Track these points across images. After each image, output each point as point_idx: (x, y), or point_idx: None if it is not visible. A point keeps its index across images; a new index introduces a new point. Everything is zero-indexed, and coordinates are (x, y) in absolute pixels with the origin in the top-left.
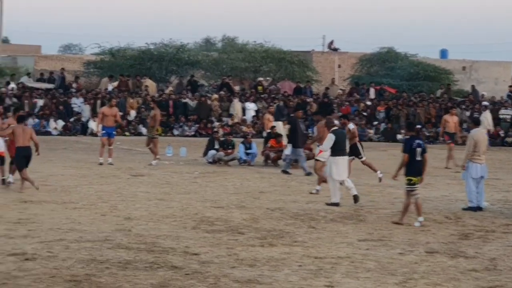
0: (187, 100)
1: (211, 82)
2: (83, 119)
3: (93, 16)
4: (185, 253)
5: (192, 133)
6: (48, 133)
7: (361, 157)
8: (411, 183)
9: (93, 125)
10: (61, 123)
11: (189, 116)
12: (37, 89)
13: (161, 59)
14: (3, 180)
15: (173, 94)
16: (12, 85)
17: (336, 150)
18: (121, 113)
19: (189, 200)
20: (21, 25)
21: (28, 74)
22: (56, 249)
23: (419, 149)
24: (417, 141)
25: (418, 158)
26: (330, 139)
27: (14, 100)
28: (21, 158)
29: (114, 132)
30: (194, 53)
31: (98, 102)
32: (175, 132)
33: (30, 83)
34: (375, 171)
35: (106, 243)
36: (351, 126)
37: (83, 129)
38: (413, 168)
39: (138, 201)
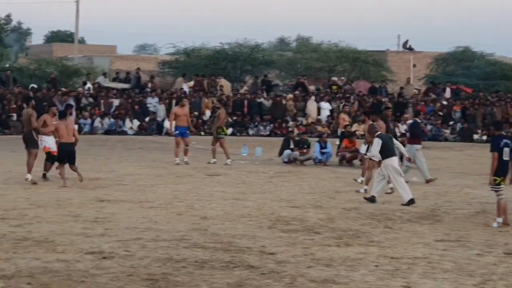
0: (262, 99)
1: (285, 81)
2: (158, 119)
3: (168, 16)
4: (261, 252)
5: (267, 132)
6: (124, 133)
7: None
8: (496, 183)
9: (168, 124)
10: (136, 122)
11: (264, 115)
12: (113, 89)
13: (235, 59)
14: (44, 174)
15: (248, 93)
16: (89, 85)
17: (385, 152)
18: (196, 113)
19: (265, 200)
20: (96, 25)
21: (104, 74)
22: (133, 248)
23: (507, 149)
24: (505, 140)
25: (506, 158)
26: (377, 143)
27: (90, 100)
28: (64, 153)
29: (187, 132)
30: (269, 53)
31: (173, 101)
32: (250, 131)
33: (106, 83)
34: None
35: (183, 242)
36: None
37: (159, 129)
38: (499, 168)
39: (214, 200)
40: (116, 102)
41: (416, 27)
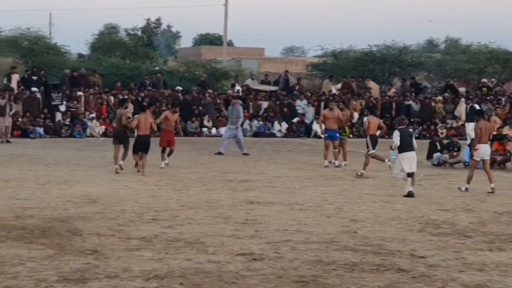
0: (410, 102)
1: (434, 83)
2: (307, 121)
3: (316, 18)
4: (411, 256)
5: (416, 135)
6: (273, 135)
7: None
8: None
9: (316, 127)
10: (285, 125)
11: (412, 118)
12: (261, 91)
13: (383, 61)
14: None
15: (396, 96)
16: (237, 87)
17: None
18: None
19: (414, 203)
20: (245, 28)
21: (252, 77)
22: (282, 250)
23: None
24: None
25: None
26: (396, 135)
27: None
28: (139, 144)
29: (337, 135)
30: (417, 55)
31: (322, 104)
32: None
33: (255, 85)
34: (383, 161)
35: (332, 245)
36: (365, 119)
37: (307, 131)
38: None
39: (363, 203)
40: (264, 104)
41: None
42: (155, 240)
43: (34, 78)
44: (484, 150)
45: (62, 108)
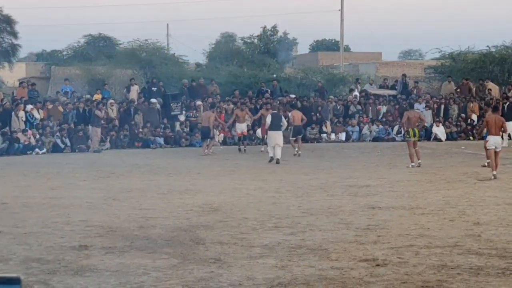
0: None
1: None
2: (426, 125)
3: (433, 21)
4: None
5: None
6: (392, 139)
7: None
8: None
9: (436, 130)
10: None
11: None
12: (380, 95)
13: (503, 62)
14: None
15: None
16: (356, 92)
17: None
18: (463, 116)
19: None
20: (361, 33)
21: (370, 81)
22: (406, 255)
23: None
24: None
25: None
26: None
27: (359, 107)
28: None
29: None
30: None
31: (442, 106)
32: None
33: (373, 90)
34: None
35: (456, 249)
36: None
37: (427, 134)
38: None
39: (486, 206)
40: (383, 108)
41: None
42: (277, 248)
43: (154, 89)
44: None
45: (182, 118)
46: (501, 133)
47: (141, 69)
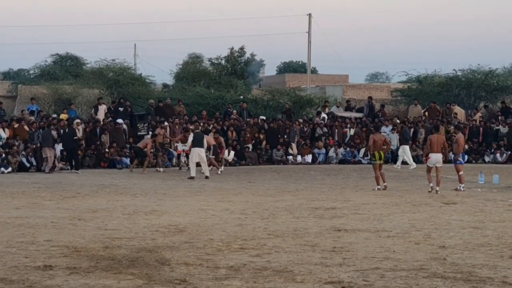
0: (499, 127)
1: None
2: (392, 147)
3: (399, 44)
4: (503, 283)
5: (504, 160)
6: (359, 162)
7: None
8: None
9: (401, 153)
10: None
11: (499, 142)
12: (347, 118)
13: (469, 85)
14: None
15: (482, 120)
16: (323, 115)
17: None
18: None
19: (505, 228)
20: (328, 55)
21: (337, 104)
22: (371, 278)
23: None
24: None
25: None
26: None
27: (325, 129)
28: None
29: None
30: (503, 79)
31: (411, 130)
32: (487, 159)
33: (340, 112)
34: None
35: (422, 272)
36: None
37: (393, 157)
38: None
39: (452, 229)
40: (350, 131)
41: None
42: (243, 269)
43: (121, 109)
44: None
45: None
46: (442, 150)
47: (108, 89)
